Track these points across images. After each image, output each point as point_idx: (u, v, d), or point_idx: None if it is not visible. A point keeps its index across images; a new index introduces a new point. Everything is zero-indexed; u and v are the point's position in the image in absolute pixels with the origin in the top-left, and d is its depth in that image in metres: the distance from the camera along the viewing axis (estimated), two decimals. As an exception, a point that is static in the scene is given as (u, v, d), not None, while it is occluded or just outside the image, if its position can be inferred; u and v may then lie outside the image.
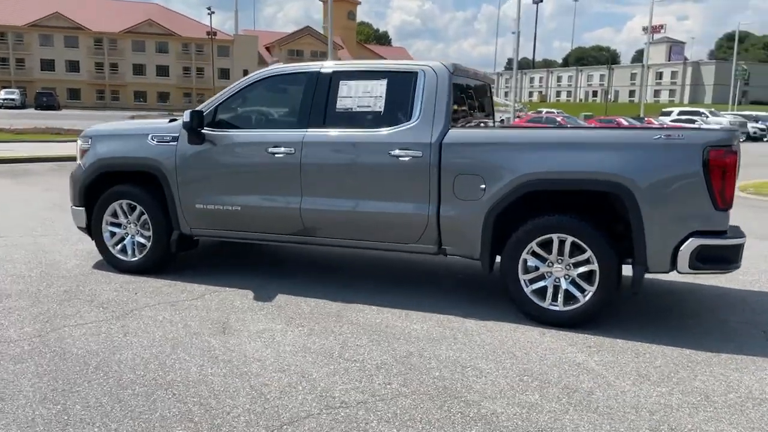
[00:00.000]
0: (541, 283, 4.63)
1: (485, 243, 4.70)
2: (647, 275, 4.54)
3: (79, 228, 6.08)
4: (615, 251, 4.44)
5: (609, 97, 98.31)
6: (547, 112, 43.15)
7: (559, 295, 4.57)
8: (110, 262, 5.87)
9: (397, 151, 4.84)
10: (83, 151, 5.89)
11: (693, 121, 35.91)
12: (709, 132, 4.31)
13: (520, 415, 3.29)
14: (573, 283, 4.56)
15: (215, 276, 5.74)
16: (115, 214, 5.81)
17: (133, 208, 5.74)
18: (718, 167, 4.16)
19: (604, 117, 31.89)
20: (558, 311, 4.57)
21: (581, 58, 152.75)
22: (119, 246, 5.83)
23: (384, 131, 4.92)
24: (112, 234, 5.85)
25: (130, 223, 5.78)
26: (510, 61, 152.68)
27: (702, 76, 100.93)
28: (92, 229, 5.90)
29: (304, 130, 5.14)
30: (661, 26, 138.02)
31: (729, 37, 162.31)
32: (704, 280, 5.79)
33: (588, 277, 4.51)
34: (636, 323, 4.69)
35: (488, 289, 5.52)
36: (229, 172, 5.36)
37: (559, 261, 4.56)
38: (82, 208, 5.88)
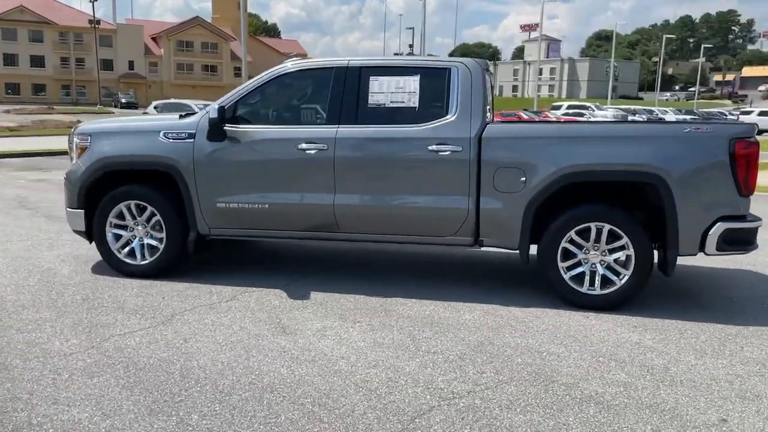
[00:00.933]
0: (579, 269, 4.88)
1: (524, 234, 4.89)
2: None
3: (76, 231, 5.71)
4: (648, 237, 4.76)
5: (495, 92, 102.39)
6: None
7: (597, 280, 4.84)
8: (116, 267, 5.55)
9: (435, 146, 4.92)
10: (81, 150, 5.52)
11: (582, 114, 38.18)
12: (734, 125, 4.73)
13: (621, 393, 3.50)
14: (608, 268, 4.84)
15: (235, 276, 5.58)
16: (120, 216, 5.50)
17: (142, 209, 5.46)
18: (742, 157, 4.57)
19: (505, 111, 33.28)
20: (596, 295, 4.85)
21: (465, 54, 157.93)
22: (125, 249, 5.52)
23: (422, 126, 4.99)
24: (117, 237, 5.54)
25: (138, 225, 5.49)
26: (397, 56, 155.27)
27: (577, 73, 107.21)
28: (94, 232, 5.55)
29: (336, 126, 5.10)
30: (536, 25, 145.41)
31: (597, 36, 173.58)
32: (698, 262, 6.30)
33: (623, 262, 4.81)
34: (658, 303, 5.05)
35: (511, 278, 5.74)
36: (255, 169, 5.23)
37: (595, 248, 4.83)
38: (81, 211, 5.51)
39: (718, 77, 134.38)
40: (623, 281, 4.80)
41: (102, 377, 3.56)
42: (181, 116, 5.60)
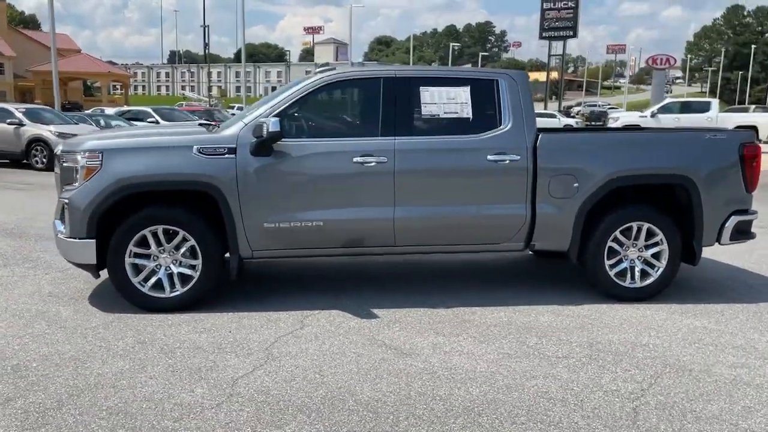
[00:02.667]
0: (621, 266, 5.32)
1: (575, 236, 5.21)
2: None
3: (79, 265, 4.90)
4: (678, 232, 5.35)
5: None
6: (213, 105, 43.69)
7: (636, 274, 5.32)
8: (137, 302, 4.87)
9: (495, 156, 5.04)
10: (90, 170, 4.73)
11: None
12: (741, 132, 5.47)
13: (750, 373, 3.95)
14: (645, 262, 5.35)
15: (273, 301, 5.18)
16: (142, 244, 4.83)
17: (171, 234, 4.84)
18: (749, 159, 5.34)
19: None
20: (636, 288, 5.32)
21: (252, 55, 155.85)
22: (150, 281, 4.86)
23: (479, 137, 5.07)
24: (136, 268, 4.85)
25: (164, 252, 4.86)
26: (173, 54, 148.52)
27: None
28: (108, 264, 4.80)
29: (393, 137, 4.98)
30: (320, 27, 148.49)
31: (379, 41, 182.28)
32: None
33: (658, 255, 5.33)
34: (676, 290, 5.67)
35: (536, 278, 6.04)
36: (308, 185, 4.91)
37: (634, 245, 5.31)
38: (92, 241, 4.74)
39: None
40: (658, 273, 5.32)
41: (292, 425, 3.18)
42: (205, 127, 5.06)
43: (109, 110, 27.73)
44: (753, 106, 33.26)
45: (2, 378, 3.68)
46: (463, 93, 5.14)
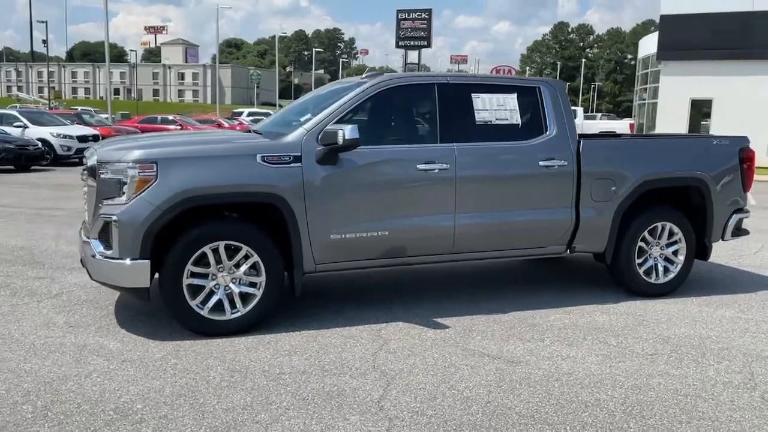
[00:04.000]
0: (648, 264, 5.66)
1: (612, 237, 5.47)
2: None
3: (126, 290, 4.35)
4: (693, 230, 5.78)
5: (133, 95, 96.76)
6: (83, 109, 40.64)
7: (660, 271, 5.69)
8: (195, 327, 4.41)
9: (545, 161, 5.16)
10: (143, 182, 4.21)
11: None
12: (740, 138, 6.01)
13: (814, 354, 4.39)
14: (665, 259, 5.73)
15: (330, 316, 4.91)
16: (200, 262, 4.38)
17: (233, 251, 4.44)
18: (746, 161, 5.90)
19: (204, 117, 32.17)
20: (660, 284, 5.68)
21: (88, 54, 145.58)
22: (208, 303, 4.42)
23: (530, 142, 5.17)
24: (193, 289, 4.40)
25: (222, 271, 4.44)
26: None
27: (221, 79, 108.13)
28: (162, 286, 4.31)
29: (452, 143, 4.94)
30: (164, 27, 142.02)
31: (228, 44, 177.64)
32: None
33: (676, 253, 5.73)
34: (686, 286, 6.12)
35: (561, 277, 6.22)
36: (373, 194, 4.73)
37: (657, 244, 5.67)
38: (146, 262, 4.23)
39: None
40: (678, 269, 5.73)
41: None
42: (250, 133, 4.71)
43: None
44: (600, 114, 36.50)
45: (115, 424, 3.18)
46: (511, 100, 5.21)
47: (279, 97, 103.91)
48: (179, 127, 26.92)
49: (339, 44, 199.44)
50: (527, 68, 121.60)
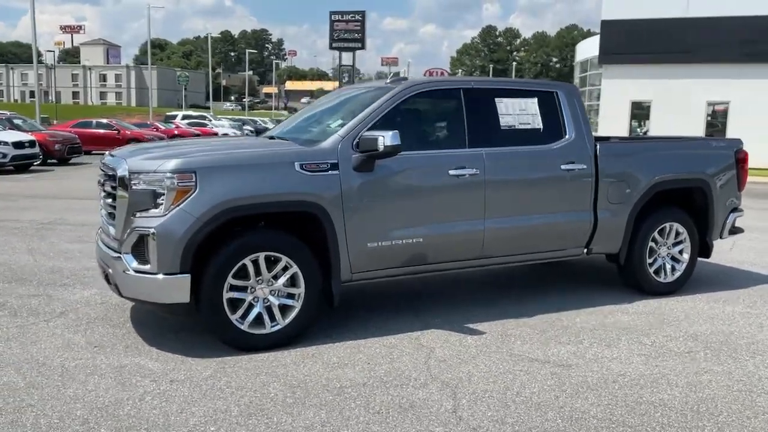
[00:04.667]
0: (657, 264, 5.83)
1: (626, 238, 5.60)
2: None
3: (163, 306, 4.13)
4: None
5: (51, 98, 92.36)
6: (11, 114, 38.40)
7: (668, 270, 5.87)
8: (235, 342, 4.25)
9: (567, 165, 5.24)
10: (183, 193, 4.01)
11: (204, 125, 38.19)
12: (734, 140, 6.27)
13: (833, 346, 4.63)
14: (672, 258, 5.92)
15: (363, 325, 4.82)
16: (240, 275, 4.22)
17: (272, 262, 4.29)
18: (741, 162, 6.17)
19: (140, 120, 30.94)
20: (668, 282, 5.87)
21: (1, 54, 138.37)
22: (248, 317, 4.27)
23: (552, 146, 5.23)
24: (233, 303, 4.23)
25: (261, 283, 4.29)
26: None
27: (146, 81, 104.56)
28: (202, 301, 4.12)
29: (481, 148, 4.94)
30: (81, 26, 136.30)
31: (152, 44, 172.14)
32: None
33: (681, 252, 5.93)
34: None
35: (559, 281, 6.32)
36: (409, 201, 4.67)
37: (664, 243, 5.85)
38: (187, 276, 4.04)
39: (266, 89, 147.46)
40: (683, 268, 5.93)
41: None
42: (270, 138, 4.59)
43: None
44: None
45: (195, 450, 3.01)
46: (532, 104, 5.26)
47: (207, 99, 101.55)
48: (117, 132, 25.94)
49: (267, 45, 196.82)
50: (458, 71, 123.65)
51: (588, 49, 30.11)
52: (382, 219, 4.58)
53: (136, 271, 4.07)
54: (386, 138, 4.30)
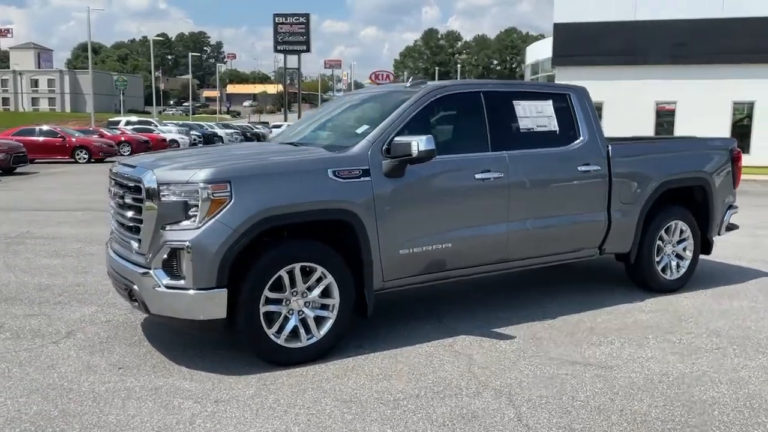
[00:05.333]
0: (664, 261, 5.93)
1: (636, 237, 5.68)
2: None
3: (195, 322, 3.93)
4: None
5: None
6: None
7: (674, 267, 5.99)
8: (271, 357, 4.09)
9: (583, 166, 5.28)
10: (218, 203, 3.83)
11: (151, 131, 37.09)
12: (729, 139, 6.45)
13: None
14: (677, 256, 6.04)
15: (389, 335, 4.72)
16: (275, 287, 4.06)
17: (307, 273, 4.15)
18: (736, 161, 6.35)
19: (83, 127, 29.71)
20: (674, 279, 5.98)
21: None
22: (284, 331, 4.11)
23: (568, 148, 5.26)
24: (269, 316, 4.07)
25: (295, 295, 4.15)
26: None
27: (81, 86, 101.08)
28: (239, 315, 3.94)
29: (503, 151, 4.92)
30: (8, 30, 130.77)
31: (84, 47, 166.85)
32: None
33: (685, 249, 6.06)
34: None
35: (582, 279, 6.36)
36: (439, 206, 4.60)
37: (670, 241, 5.97)
38: (224, 290, 3.86)
39: (207, 93, 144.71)
40: (687, 264, 6.06)
41: None
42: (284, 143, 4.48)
43: None
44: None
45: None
46: (548, 107, 5.28)
47: (145, 104, 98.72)
48: (62, 139, 24.96)
49: (206, 48, 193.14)
50: (402, 73, 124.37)
51: (539, 51, 30.70)
52: (412, 225, 4.49)
53: (168, 287, 3.86)
54: (420, 143, 4.21)
